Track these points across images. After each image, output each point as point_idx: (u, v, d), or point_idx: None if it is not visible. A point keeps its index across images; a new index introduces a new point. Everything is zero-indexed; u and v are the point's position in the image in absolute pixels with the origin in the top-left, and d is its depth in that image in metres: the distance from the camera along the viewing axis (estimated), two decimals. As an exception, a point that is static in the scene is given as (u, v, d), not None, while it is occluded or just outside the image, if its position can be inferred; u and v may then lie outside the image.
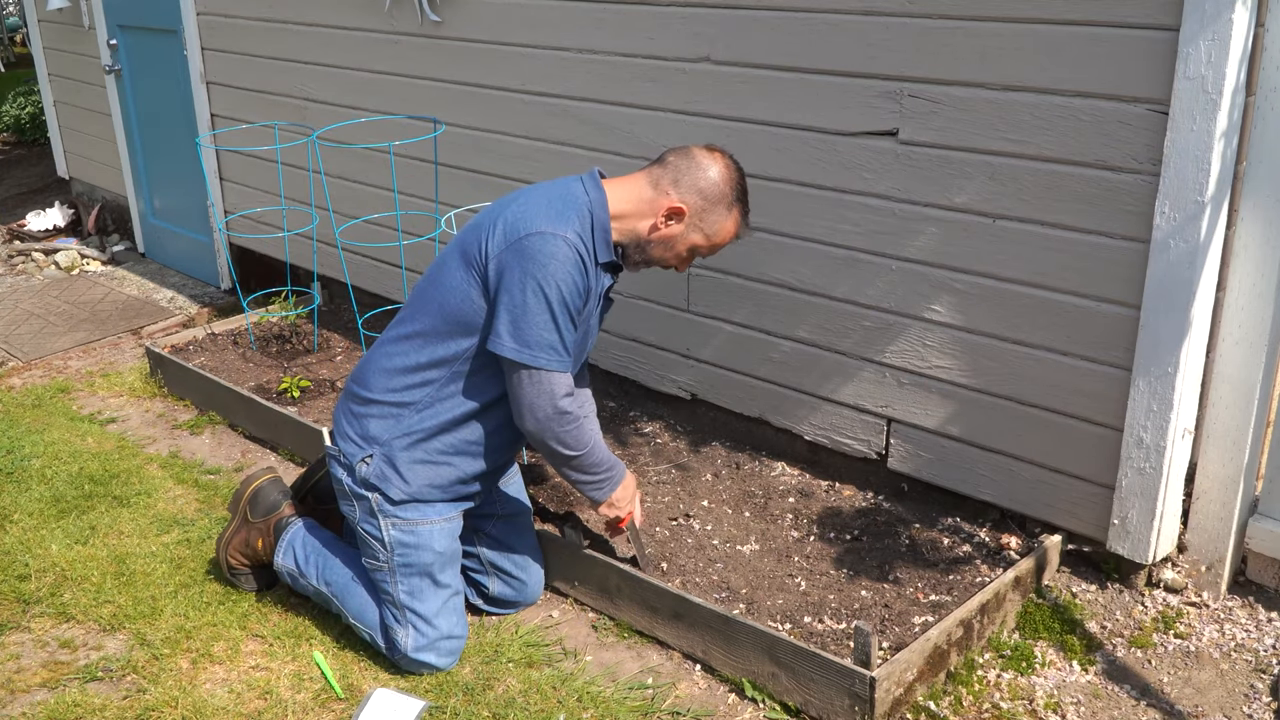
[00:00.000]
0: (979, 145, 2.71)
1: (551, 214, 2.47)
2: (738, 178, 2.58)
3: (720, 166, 2.56)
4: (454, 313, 2.54)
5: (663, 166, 2.57)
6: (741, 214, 2.61)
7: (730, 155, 2.60)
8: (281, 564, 2.85)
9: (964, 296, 2.84)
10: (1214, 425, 2.66)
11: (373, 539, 2.65)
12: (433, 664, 2.63)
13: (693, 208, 2.54)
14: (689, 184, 2.54)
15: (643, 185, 2.57)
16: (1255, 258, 2.52)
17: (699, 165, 2.55)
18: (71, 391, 4.40)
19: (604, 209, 2.53)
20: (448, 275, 2.57)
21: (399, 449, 2.60)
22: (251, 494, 2.95)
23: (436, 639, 2.62)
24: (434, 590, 2.65)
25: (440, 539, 2.65)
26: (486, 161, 3.93)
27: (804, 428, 3.29)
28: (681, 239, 2.58)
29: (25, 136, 8.72)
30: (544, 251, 2.42)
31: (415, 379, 2.59)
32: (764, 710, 2.50)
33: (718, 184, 2.54)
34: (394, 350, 2.63)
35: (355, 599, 2.72)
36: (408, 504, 2.62)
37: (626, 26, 3.35)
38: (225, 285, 5.41)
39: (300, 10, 4.47)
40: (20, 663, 2.75)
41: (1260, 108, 2.43)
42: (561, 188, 2.56)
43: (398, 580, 2.64)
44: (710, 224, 2.57)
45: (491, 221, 2.52)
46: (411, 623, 2.62)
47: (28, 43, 8.61)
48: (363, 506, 2.65)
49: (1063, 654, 2.62)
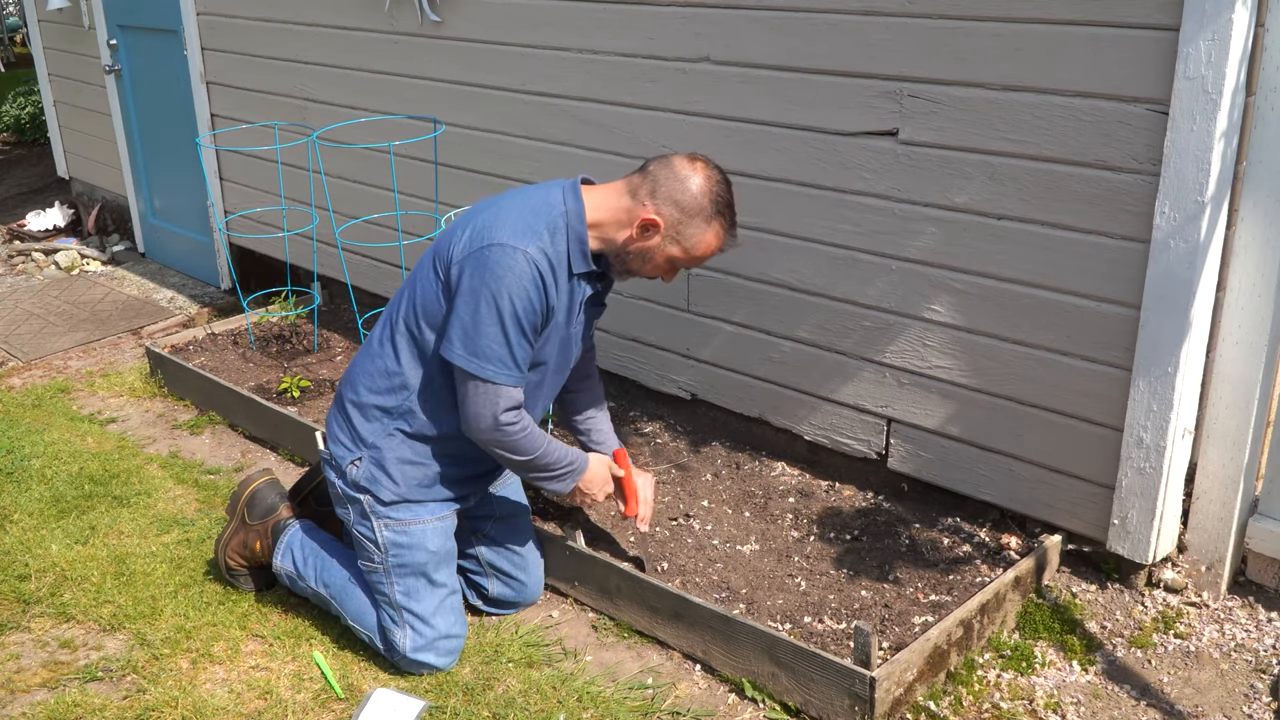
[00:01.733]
0: (979, 145, 2.71)
1: (519, 226, 2.44)
2: (719, 190, 2.49)
3: (700, 178, 2.47)
4: (428, 314, 2.54)
5: (643, 175, 2.52)
6: (723, 226, 2.52)
7: (713, 165, 2.52)
8: (280, 566, 2.85)
9: (964, 296, 2.84)
10: (1214, 425, 2.66)
11: (367, 541, 2.65)
12: (432, 664, 2.63)
13: (668, 220, 2.48)
14: (665, 195, 2.47)
15: (621, 194, 2.52)
16: (1255, 258, 2.52)
17: (677, 176, 2.47)
18: (71, 391, 4.40)
19: (580, 219, 2.49)
20: (422, 276, 2.57)
21: (387, 450, 2.61)
22: (249, 496, 2.95)
23: (435, 639, 2.62)
24: (430, 590, 2.65)
25: (434, 538, 2.65)
26: (486, 161, 3.93)
27: (804, 428, 3.29)
28: (658, 251, 2.52)
29: (25, 136, 8.72)
30: (501, 264, 2.40)
31: (397, 381, 2.59)
32: (764, 710, 2.50)
33: (695, 196, 2.47)
34: (378, 353, 2.64)
35: (353, 601, 2.73)
36: (399, 504, 2.62)
37: (626, 26, 3.35)
38: (225, 285, 5.41)
39: (300, 10, 4.47)
40: (20, 663, 2.75)
41: (1260, 108, 2.43)
42: (539, 196, 2.53)
43: (393, 581, 2.64)
44: (687, 237, 2.50)
45: (463, 226, 2.52)
46: (409, 623, 2.62)
47: (28, 43, 8.61)
48: (355, 509, 2.65)
49: (1063, 654, 2.62)
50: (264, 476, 2.99)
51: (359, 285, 4.50)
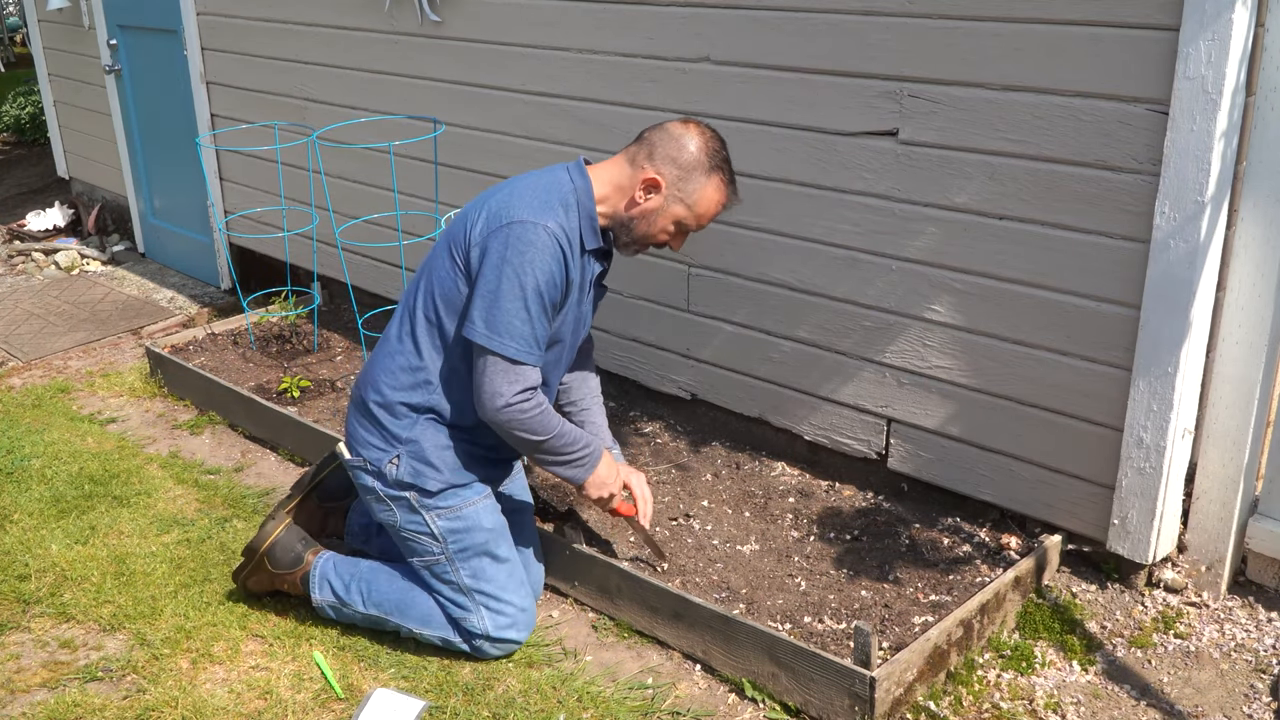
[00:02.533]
0: (979, 145, 2.71)
1: (535, 203, 2.49)
2: (715, 145, 2.57)
3: (695, 135, 2.55)
4: (447, 301, 2.56)
5: (639, 143, 2.59)
6: (724, 180, 2.59)
7: (707, 125, 2.60)
8: (321, 600, 2.78)
9: (964, 296, 2.84)
10: (1214, 425, 2.66)
11: (421, 535, 2.65)
12: (515, 639, 2.66)
13: (669, 178, 2.54)
14: (663, 155, 2.54)
15: (622, 165, 2.59)
16: (1255, 258, 2.52)
17: (673, 136, 2.55)
18: (71, 391, 4.40)
19: (589, 195, 2.55)
20: (438, 266, 2.59)
21: (424, 440, 2.61)
22: (270, 547, 2.81)
23: (514, 614, 2.65)
24: (496, 566, 2.67)
25: (487, 515, 2.66)
26: (486, 161, 3.93)
27: (804, 428, 3.29)
28: (663, 212, 2.57)
29: (25, 136, 8.72)
30: (523, 239, 2.43)
31: (421, 376, 2.60)
32: (764, 710, 2.50)
33: (693, 153, 2.54)
34: (397, 349, 2.64)
35: (415, 608, 2.70)
36: (446, 492, 2.63)
37: (626, 26, 3.35)
38: (225, 285, 5.41)
39: (300, 10, 4.47)
40: (20, 663, 2.76)
41: (1260, 108, 2.43)
42: (548, 177, 2.58)
43: (458, 566, 2.64)
44: (689, 193, 2.56)
45: (477, 210, 2.55)
46: (484, 604, 2.63)
47: (28, 43, 8.61)
48: (401, 506, 2.64)
49: (1063, 654, 2.62)
50: (282, 525, 2.84)
51: (359, 285, 4.50)
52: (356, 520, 2.99)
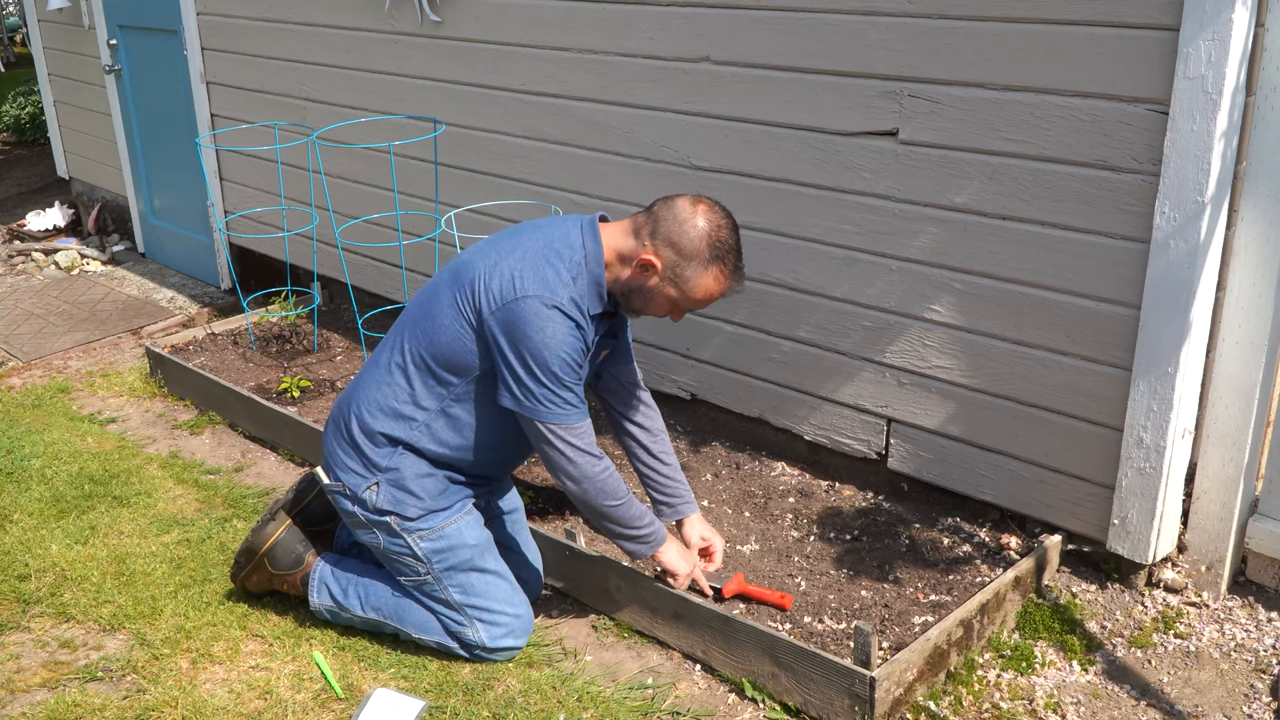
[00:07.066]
0: (979, 145, 2.71)
1: (548, 275, 2.43)
2: (719, 234, 2.44)
3: (703, 220, 2.43)
4: (446, 352, 2.53)
5: (647, 215, 2.49)
6: (724, 272, 2.46)
7: (719, 208, 2.47)
8: (319, 603, 2.79)
9: (964, 296, 2.84)
10: (1214, 425, 2.66)
11: (405, 557, 2.64)
12: (513, 646, 2.67)
13: (665, 261, 2.44)
14: (664, 236, 2.43)
15: (627, 233, 2.50)
16: (1255, 258, 2.52)
17: (678, 218, 2.43)
18: (71, 391, 4.40)
19: (598, 263, 2.48)
20: (440, 313, 2.54)
21: (404, 469, 2.60)
22: (270, 548, 2.82)
23: (508, 622, 2.64)
24: (484, 579, 2.66)
25: (469, 531, 2.66)
26: (486, 161, 3.93)
27: (804, 428, 3.29)
28: (658, 292, 2.49)
29: (25, 136, 8.72)
30: (539, 320, 2.39)
31: (408, 411, 2.58)
32: (764, 710, 2.50)
33: (694, 240, 2.42)
34: (386, 380, 2.61)
35: (412, 614, 2.70)
36: (425, 515, 2.62)
37: (626, 26, 3.35)
38: (225, 285, 5.41)
39: (300, 10, 4.47)
40: (20, 663, 2.75)
41: (1260, 108, 2.43)
42: (559, 233, 2.51)
43: (446, 585, 2.64)
44: (685, 279, 2.45)
45: (486, 270, 2.48)
46: (477, 618, 2.64)
47: (28, 43, 8.61)
48: (383, 529, 2.63)
49: (1063, 654, 2.62)
50: (282, 526, 2.84)
51: (359, 285, 4.50)
52: (344, 539, 2.97)
